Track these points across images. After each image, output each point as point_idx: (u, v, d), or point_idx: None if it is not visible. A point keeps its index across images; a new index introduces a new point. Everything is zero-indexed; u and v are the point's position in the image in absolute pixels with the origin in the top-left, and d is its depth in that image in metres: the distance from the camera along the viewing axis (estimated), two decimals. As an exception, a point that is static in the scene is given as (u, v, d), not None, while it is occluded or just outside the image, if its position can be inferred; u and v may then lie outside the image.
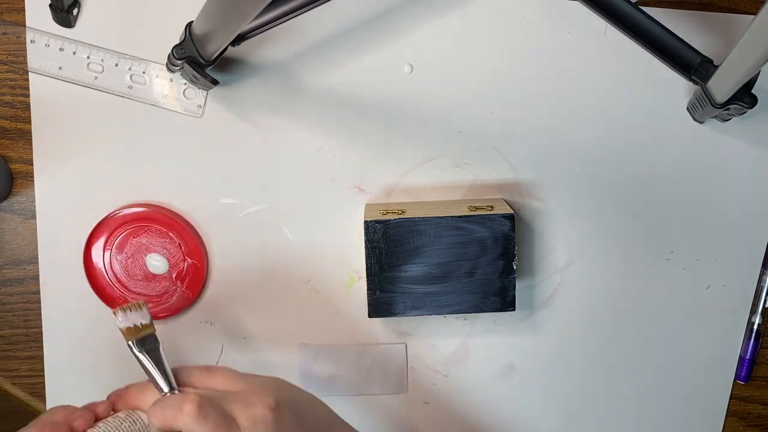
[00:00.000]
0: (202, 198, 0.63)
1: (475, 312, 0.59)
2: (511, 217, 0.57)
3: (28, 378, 0.65)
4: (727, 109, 0.56)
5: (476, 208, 0.59)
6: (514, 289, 0.59)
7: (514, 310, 0.59)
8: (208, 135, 0.63)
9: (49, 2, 0.60)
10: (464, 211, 0.58)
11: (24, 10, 0.61)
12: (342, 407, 0.65)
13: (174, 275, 0.63)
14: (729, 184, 0.63)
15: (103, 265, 0.63)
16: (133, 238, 0.63)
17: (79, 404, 0.66)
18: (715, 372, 0.65)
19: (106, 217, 0.62)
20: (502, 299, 0.59)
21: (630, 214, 0.63)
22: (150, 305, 0.64)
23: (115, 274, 0.63)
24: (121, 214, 0.62)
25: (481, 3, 0.61)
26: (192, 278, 0.63)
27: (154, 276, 0.63)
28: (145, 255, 0.63)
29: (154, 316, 0.64)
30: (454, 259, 0.58)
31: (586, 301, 0.65)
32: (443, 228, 0.58)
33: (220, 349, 0.65)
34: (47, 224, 0.64)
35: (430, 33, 0.61)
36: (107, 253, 0.63)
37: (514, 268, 0.58)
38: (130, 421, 0.48)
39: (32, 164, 0.63)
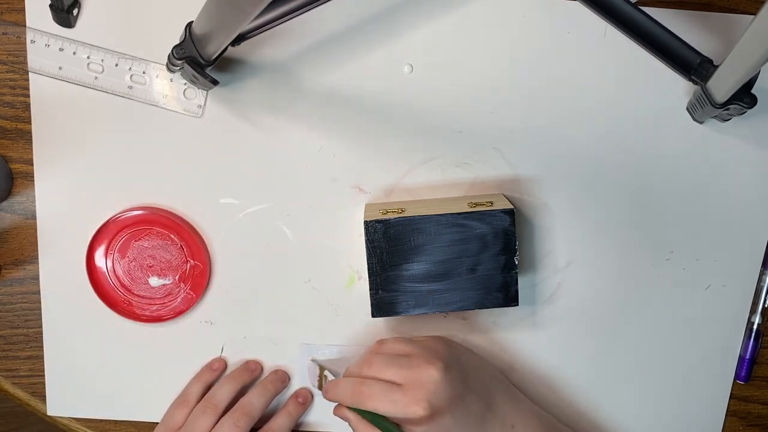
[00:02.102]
0: (202, 198, 0.63)
1: (479, 308, 0.59)
2: (510, 212, 0.57)
3: (28, 378, 0.65)
4: (727, 109, 0.56)
5: (476, 204, 0.59)
6: (517, 284, 0.59)
7: (517, 305, 0.59)
8: (208, 135, 0.63)
9: (49, 2, 0.60)
10: (464, 208, 0.58)
11: (24, 10, 0.61)
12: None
13: (177, 277, 0.63)
14: (729, 184, 0.63)
15: (106, 270, 0.63)
16: (135, 241, 0.63)
17: (79, 404, 0.67)
18: (715, 372, 0.65)
19: (107, 222, 0.62)
20: (505, 295, 0.59)
21: (630, 214, 0.63)
22: (154, 307, 0.64)
23: (118, 279, 0.63)
24: (122, 217, 0.62)
25: (481, 3, 0.61)
26: (195, 280, 0.63)
27: (158, 280, 0.64)
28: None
29: (158, 319, 0.64)
30: (455, 256, 0.58)
31: (586, 301, 0.65)
32: (443, 225, 0.58)
33: (221, 349, 0.65)
34: (47, 224, 0.64)
35: (430, 33, 0.61)
36: (110, 258, 0.63)
37: (516, 263, 0.58)
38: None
39: (32, 164, 0.63)
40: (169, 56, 0.55)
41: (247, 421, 0.60)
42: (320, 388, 0.63)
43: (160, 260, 0.63)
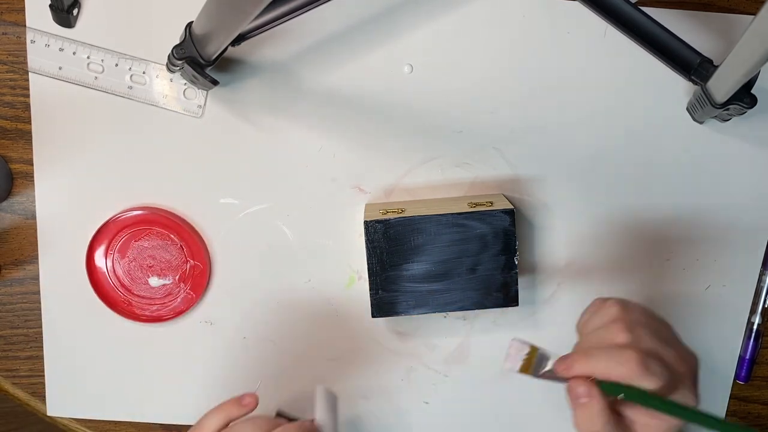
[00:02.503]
0: (202, 198, 0.63)
1: (479, 308, 0.59)
2: (510, 212, 0.57)
3: (28, 378, 0.65)
4: (727, 109, 0.56)
5: (476, 205, 0.59)
6: (517, 284, 0.58)
7: (517, 305, 0.59)
8: (208, 135, 0.63)
9: (49, 2, 0.60)
10: (464, 208, 0.58)
11: (24, 10, 0.61)
12: (342, 408, 0.65)
13: (177, 277, 0.63)
14: (729, 185, 0.63)
15: (106, 270, 0.63)
16: (135, 241, 0.63)
17: (79, 404, 0.67)
18: (715, 372, 0.65)
19: (107, 222, 0.62)
20: (505, 295, 0.59)
21: (630, 214, 0.63)
22: (154, 307, 0.64)
23: (118, 279, 0.63)
24: (122, 217, 0.62)
25: (481, 3, 0.61)
26: (195, 280, 0.63)
27: (158, 280, 0.64)
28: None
29: (158, 319, 0.64)
30: (455, 256, 0.58)
31: (586, 301, 0.64)
32: (443, 225, 0.58)
33: (220, 349, 0.65)
34: (47, 224, 0.64)
35: (430, 33, 0.61)
36: (110, 258, 0.63)
37: (516, 263, 0.58)
38: None
39: (32, 164, 0.63)
40: (169, 56, 0.55)
41: None
42: (525, 370, 0.54)
43: (160, 260, 0.63)
